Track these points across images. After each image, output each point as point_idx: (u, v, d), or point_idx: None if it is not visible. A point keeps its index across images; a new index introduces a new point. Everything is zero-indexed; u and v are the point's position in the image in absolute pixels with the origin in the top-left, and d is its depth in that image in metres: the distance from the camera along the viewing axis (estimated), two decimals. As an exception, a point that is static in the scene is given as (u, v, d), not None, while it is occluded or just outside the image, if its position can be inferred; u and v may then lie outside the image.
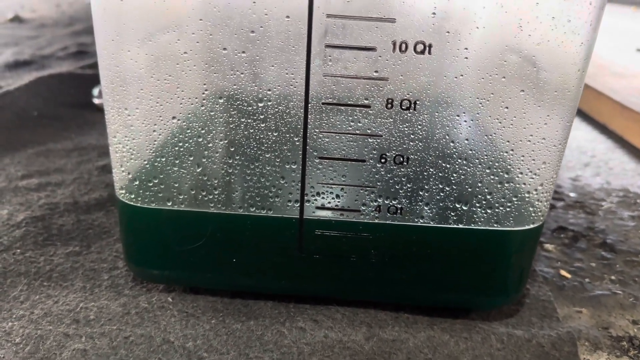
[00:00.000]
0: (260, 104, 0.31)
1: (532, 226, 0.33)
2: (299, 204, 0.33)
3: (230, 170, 0.33)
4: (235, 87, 0.31)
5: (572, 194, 0.57)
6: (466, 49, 0.29)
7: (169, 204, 0.34)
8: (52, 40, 1.22)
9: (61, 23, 1.50)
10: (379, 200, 0.33)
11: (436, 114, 0.31)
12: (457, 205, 0.33)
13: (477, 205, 0.33)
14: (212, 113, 0.31)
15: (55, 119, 0.72)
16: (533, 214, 0.33)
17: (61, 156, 0.61)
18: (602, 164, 0.66)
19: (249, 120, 0.31)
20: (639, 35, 1.55)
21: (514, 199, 0.32)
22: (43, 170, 0.56)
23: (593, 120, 0.82)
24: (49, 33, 1.32)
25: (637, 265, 0.45)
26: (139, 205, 0.34)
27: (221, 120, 0.31)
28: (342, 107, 0.31)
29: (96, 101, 0.77)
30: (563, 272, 0.43)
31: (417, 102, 0.30)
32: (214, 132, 0.32)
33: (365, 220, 0.34)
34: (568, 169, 0.63)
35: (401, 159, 0.32)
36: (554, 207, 0.54)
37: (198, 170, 0.33)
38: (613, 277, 0.44)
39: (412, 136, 0.31)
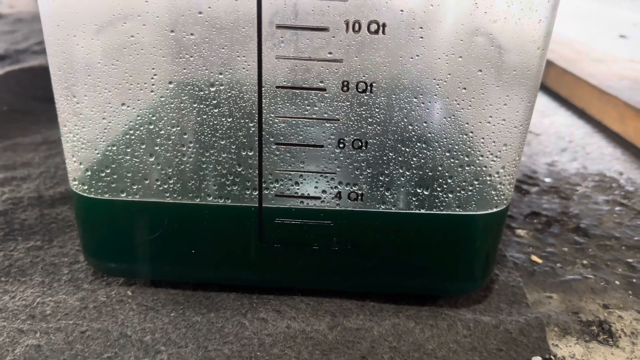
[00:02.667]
0: (212, 89, 0.30)
1: (495, 210, 0.33)
2: (257, 192, 0.33)
3: (184, 159, 0.32)
4: (185, 71, 0.30)
5: (547, 179, 0.56)
6: (421, 28, 0.28)
7: (123, 194, 0.33)
8: (29, 34, 1.20)
9: (39, 18, 1.48)
10: (339, 186, 0.32)
11: (393, 96, 0.30)
12: (418, 190, 0.32)
13: (439, 189, 0.32)
14: (162, 99, 0.30)
15: (25, 113, 0.70)
16: (496, 198, 0.32)
17: (29, 150, 0.59)
18: (579, 149, 0.65)
19: (201, 106, 0.30)
20: (621, 22, 1.55)
21: (476, 182, 0.32)
22: (9, 165, 0.55)
23: (572, 105, 0.82)
24: (26, 28, 1.30)
25: (610, 250, 0.45)
26: (92, 196, 0.33)
27: (172, 106, 0.30)
28: (297, 91, 0.30)
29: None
30: (534, 258, 0.43)
31: (374, 84, 0.29)
32: (165, 118, 0.31)
33: (326, 207, 0.33)
34: (545, 154, 0.63)
35: (360, 144, 0.31)
36: (528, 192, 0.53)
37: (151, 159, 0.32)
38: (585, 262, 0.43)
39: (369, 120, 0.30)
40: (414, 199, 0.32)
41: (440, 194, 0.32)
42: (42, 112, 0.71)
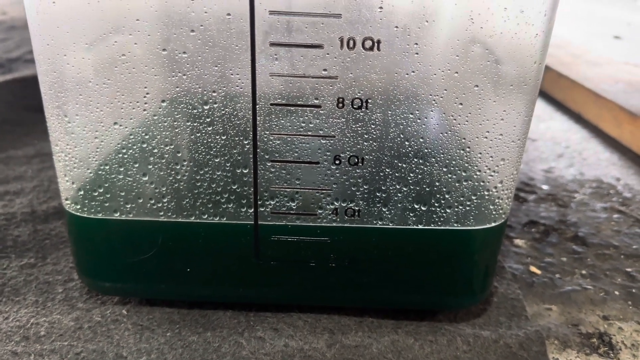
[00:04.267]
0: (205, 107, 0.30)
1: (494, 224, 0.32)
2: (252, 210, 0.32)
3: (178, 177, 0.31)
4: (178, 89, 0.29)
5: (544, 187, 0.56)
6: (416, 44, 0.28)
7: (117, 213, 0.32)
8: (21, 42, 1.19)
9: (32, 25, 1.47)
10: (335, 203, 0.32)
11: (389, 112, 0.29)
12: (416, 206, 0.32)
13: (436, 204, 0.32)
14: (155, 117, 0.30)
15: (17, 125, 0.69)
16: (494, 212, 0.32)
17: (22, 163, 0.59)
18: (576, 155, 0.65)
19: (195, 124, 0.30)
20: (616, 22, 1.55)
21: (474, 197, 0.31)
22: (2, 179, 0.54)
23: (567, 109, 0.82)
24: (18, 35, 1.29)
25: (609, 259, 0.45)
26: (85, 215, 0.32)
27: (165, 124, 0.30)
28: (292, 108, 0.30)
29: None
30: (533, 268, 0.43)
31: (369, 101, 0.29)
32: (158, 137, 0.30)
33: (323, 224, 0.32)
34: (541, 161, 0.63)
35: (356, 160, 0.31)
36: (526, 200, 0.53)
37: (144, 178, 0.31)
38: (584, 272, 0.43)
39: (365, 136, 0.30)
40: (411, 214, 0.32)
41: (438, 209, 0.32)
42: (35, 123, 0.71)
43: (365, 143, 0.30)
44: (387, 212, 0.32)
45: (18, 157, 0.60)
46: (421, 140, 0.30)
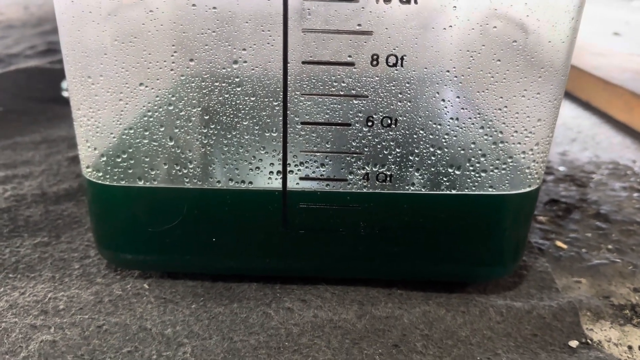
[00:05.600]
0: (234, 66, 0.29)
1: (528, 189, 0.32)
2: (281, 176, 0.31)
3: (205, 141, 0.30)
4: (206, 47, 0.28)
5: (561, 168, 0.55)
6: (454, -4, 0.27)
7: (141, 181, 0.31)
8: (20, 39, 1.18)
9: (29, 24, 1.46)
10: (366, 167, 0.31)
11: (424, 70, 0.29)
12: (450, 170, 0.31)
13: (471, 168, 0.31)
14: (182, 77, 0.29)
15: (22, 114, 0.68)
16: (529, 177, 0.31)
17: (29, 149, 0.57)
18: (588, 139, 0.65)
19: (224, 84, 0.29)
20: (614, 21, 1.55)
21: (509, 160, 0.31)
22: (9, 163, 0.53)
23: (575, 98, 0.81)
24: (17, 33, 1.28)
25: (634, 234, 0.44)
26: (107, 183, 0.31)
27: (193, 85, 0.29)
28: (324, 66, 0.29)
29: (65, 94, 0.74)
30: (559, 243, 0.42)
31: (404, 58, 0.28)
32: (185, 98, 0.29)
33: (353, 190, 0.31)
34: (555, 145, 0.62)
35: (389, 121, 0.30)
36: (545, 180, 0.52)
37: (170, 143, 0.30)
38: (610, 247, 0.42)
39: (400, 95, 0.29)
40: (445, 179, 0.31)
41: (472, 173, 0.31)
42: (40, 112, 0.70)
43: (399, 103, 0.29)
44: (419, 177, 0.31)
45: (25, 143, 0.59)
46: (457, 99, 0.29)
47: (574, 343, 0.32)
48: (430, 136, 0.30)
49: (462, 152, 0.30)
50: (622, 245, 0.42)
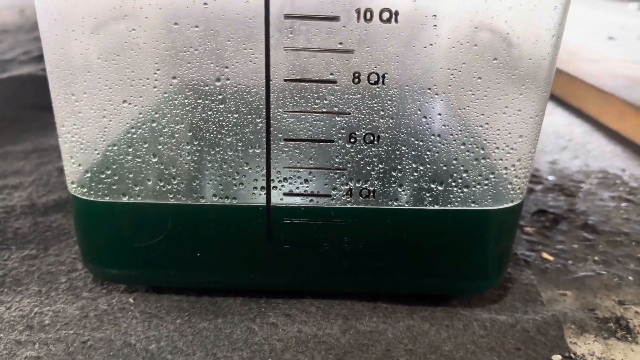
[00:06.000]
0: (217, 83, 0.29)
1: (511, 204, 0.32)
2: (265, 191, 0.31)
3: (189, 157, 0.30)
4: (189, 65, 0.28)
5: (550, 177, 0.56)
6: (434, 16, 0.27)
7: (125, 197, 0.31)
8: (15, 44, 1.18)
9: (24, 28, 1.46)
10: (350, 183, 0.31)
11: (406, 87, 0.29)
12: (432, 185, 0.31)
13: (453, 184, 0.31)
14: (165, 95, 0.29)
15: (14, 121, 0.68)
16: (512, 192, 0.32)
17: (19, 158, 0.57)
18: (579, 147, 0.65)
19: (207, 102, 0.29)
20: (608, 25, 1.56)
21: (491, 176, 0.31)
22: (0, 173, 0.53)
23: (568, 105, 0.82)
24: (11, 38, 1.28)
25: (620, 245, 0.44)
26: (92, 199, 0.32)
27: (176, 102, 0.29)
28: (306, 84, 0.29)
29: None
30: (545, 255, 0.42)
31: (386, 75, 0.28)
32: (169, 115, 0.29)
33: (337, 206, 0.32)
34: (545, 153, 0.62)
35: (371, 138, 0.30)
36: (533, 190, 0.52)
37: (154, 159, 0.30)
38: (596, 258, 0.42)
39: (381, 112, 0.29)
40: (427, 194, 0.31)
41: (454, 188, 0.31)
42: (32, 120, 0.70)
43: (381, 120, 0.29)
44: (402, 193, 0.31)
45: (16, 152, 0.59)
46: (439, 116, 0.29)
47: (557, 357, 0.32)
48: (413, 152, 0.30)
49: (444, 168, 0.30)
50: (609, 257, 0.42)
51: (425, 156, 0.30)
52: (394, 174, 0.31)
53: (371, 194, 0.31)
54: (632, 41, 1.29)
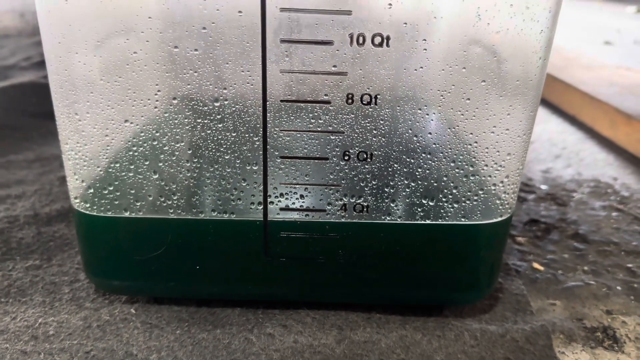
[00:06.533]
0: (216, 104, 0.30)
1: (500, 219, 0.33)
2: (262, 206, 0.32)
3: (188, 174, 0.31)
4: (189, 86, 0.29)
5: (543, 187, 0.57)
6: (425, 40, 0.28)
7: (126, 212, 0.32)
8: (16, 50, 1.19)
9: (25, 33, 1.47)
10: (344, 198, 0.32)
11: (398, 107, 0.30)
12: (424, 201, 0.32)
13: (444, 199, 0.32)
14: (166, 115, 0.30)
15: (16, 130, 0.69)
16: (501, 207, 0.33)
17: (22, 167, 0.59)
18: (573, 155, 0.66)
19: (206, 121, 0.30)
20: (605, 29, 1.57)
21: (480, 192, 0.32)
22: (3, 183, 0.54)
23: (562, 112, 0.83)
24: (12, 43, 1.29)
25: (610, 255, 0.45)
26: (95, 214, 0.33)
27: (176, 121, 0.30)
28: (302, 104, 0.30)
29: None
30: (536, 265, 0.43)
31: (378, 97, 0.30)
32: (169, 134, 0.31)
33: (332, 220, 0.33)
34: (539, 162, 0.63)
35: (365, 156, 0.31)
36: (525, 200, 0.54)
37: (155, 176, 0.32)
38: (586, 268, 0.43)
39: (374, 131, 0.30)
40: (419, 209, 0.32)
41: (445, 204, 0.32)
42: (33, 128, 0.71)
43: (374, 139, 0.31)
44: (395, 208, 0.32)
45: (19, 161, 0.60)
46: (429, 135, 0.30)
47: (545, 367, 0.33)
48: (405, 169, 0.31)
49: (435, 184, 0.32)
50: (598, 267, 0.43)
51: (417, 173, 0.31)
52: (386, 190, 0.32)
53: (365, 209, 0.32)
54: (629, 46, 1.30)
